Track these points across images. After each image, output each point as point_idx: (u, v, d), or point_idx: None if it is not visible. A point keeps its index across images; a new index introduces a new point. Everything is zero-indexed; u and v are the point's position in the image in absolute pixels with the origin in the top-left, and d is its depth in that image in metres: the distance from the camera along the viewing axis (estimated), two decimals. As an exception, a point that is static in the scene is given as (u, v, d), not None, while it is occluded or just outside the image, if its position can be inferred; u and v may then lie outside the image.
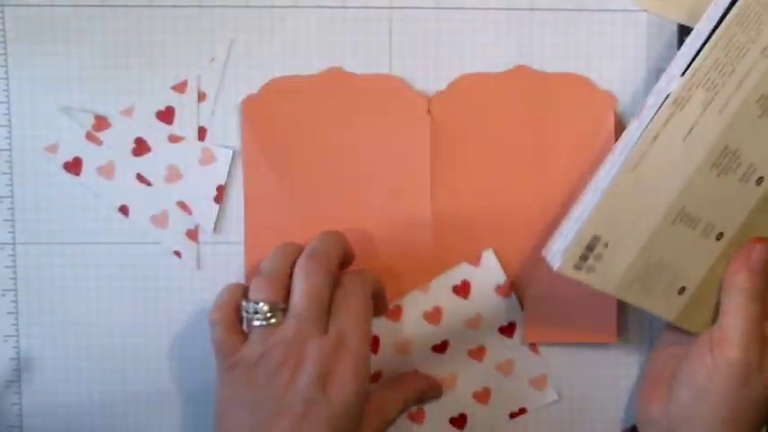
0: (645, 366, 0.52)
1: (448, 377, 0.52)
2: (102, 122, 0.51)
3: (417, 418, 0.52)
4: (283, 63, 0.51)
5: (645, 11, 0.51)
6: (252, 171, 0.51)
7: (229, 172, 0.51)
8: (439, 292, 0.51)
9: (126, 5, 0.50)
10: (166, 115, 0.51)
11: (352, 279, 0.46)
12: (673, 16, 0.51)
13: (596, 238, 0.46)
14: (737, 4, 0.45)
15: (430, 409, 0.52)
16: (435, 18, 0.51)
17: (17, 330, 0.52)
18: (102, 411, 0.53)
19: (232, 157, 0.51)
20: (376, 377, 0.52)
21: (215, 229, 0.52)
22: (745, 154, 0.46)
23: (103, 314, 0.52)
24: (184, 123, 0.51)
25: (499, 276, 0.51)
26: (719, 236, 0.47)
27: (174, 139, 0.51)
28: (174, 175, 0.51)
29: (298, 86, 0.51)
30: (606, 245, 0.46)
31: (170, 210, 0.52)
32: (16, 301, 0.52)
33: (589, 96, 0.51)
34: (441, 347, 0.52)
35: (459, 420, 0.53)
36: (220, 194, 0.51)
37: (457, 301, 0.51)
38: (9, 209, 0.52)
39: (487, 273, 0.51)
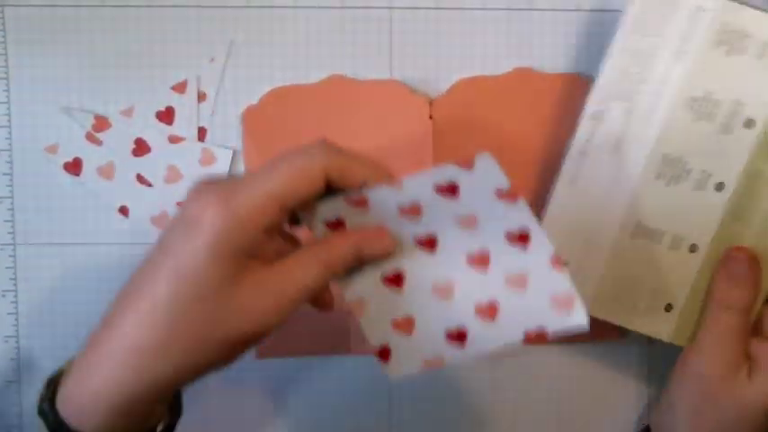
0: None
1: (443, 284, 0.41)
2: (102, 122, 0.51)
3: (405, 327, 0.42)
4: (283, 63, 0.51)
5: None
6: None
7: (229, 172, 0.51)
8: (415, 188, 0.39)
9: (126, 5, 0.51)
10: (166, 115, 0.51)
11: (310, 146, 0.38)
12: (673, 16, 0.51)
13: None
14: (626, 12, 0.45)
15: (421, 319, 0.42)
16: (435, 18, 0.51)
17: (17, 330, 0.52)
18: (102, 411, 0.53)
19: (232, 158, 0.51)
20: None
21: (215, 229, 0.52)
22: (692, 161, 0.46)
23: (103, 314, 0.52)
24: (184, 123, 0.51)
25: (499, 180, 0.38)
26: (693, 248, 0.46)
27: (174, 139, 0.51)
28: (174, 175, 0.51)
29: (299, 94, 0.51)
30: (566, 263, 0.46)
31: (170, 210, 0.52)
32: (16, 302, 0.52)
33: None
34: (427, 243, 0.41)
35: (458, 335, 0.41)
36: (220, 194, 0.51)
37: (440, 199, 0.40)
38: (9, 209, 0.52)
39: (483, 175, 0.38)
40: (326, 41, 0.51)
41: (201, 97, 0.51)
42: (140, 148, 0.51)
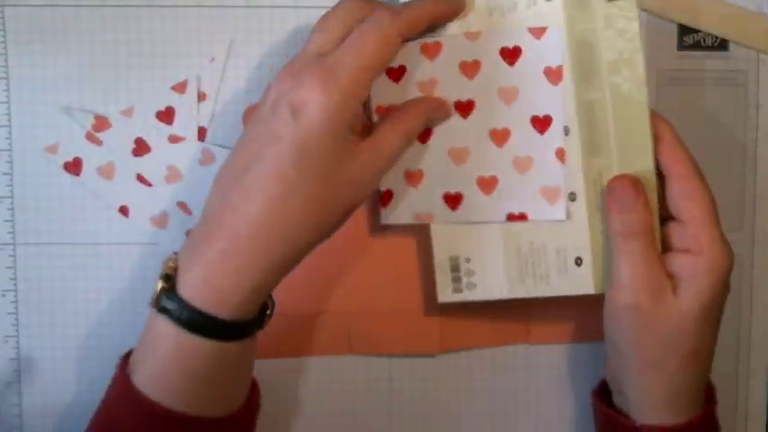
0: None
1: (460, 150, 0.47)
2: (102, 122, 0.51)
3: (414, 179, 0.48)
4: (283, 63, 0.51)
5: (645, 11, 0.51)
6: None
7: (229, 172, 0.51)
8: (487, 45, 0.46)
9: (126, 5, 0.50)
10: (166, 115, 0.51)
11: (381, 14, 0.42)
12: (673, 16, 0.51)
13: (454, 259, 0.46)
14: None
15: (429, 175, 0.48)
16: (435, 18, 0.51)
17: (17, 330, 0.52)
18: (102, 411, 0.53)
19: (232, 158, 0.51)
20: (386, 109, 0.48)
21: (215, 229, 0.52)
22: None
23: (103, 314, 0.52)
24: (184, 123, 0.51)
25: (555, 57, 0.45)
26: (572, 196, 0.46)
27: (173, 139, 0.51)
28: (174, 175, 0.51)
29: None
30: (468, 260, 0.46)
31: (170, 210, 0.52)
32: (16, 302, 0.52)
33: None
34: (465, 107, 0.47)
35: (455, 199, 0.48)
36: (220, 194, 0.51)
37: (500, 63, 0.46)
38: (9, 209, 0.51)
39: (545, 49, 0.45)
40: (326, 41, 0.51)
41: (201, 97, 0.51)
42: (140, 148, 0.51)
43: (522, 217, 0.47)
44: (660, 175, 0.45)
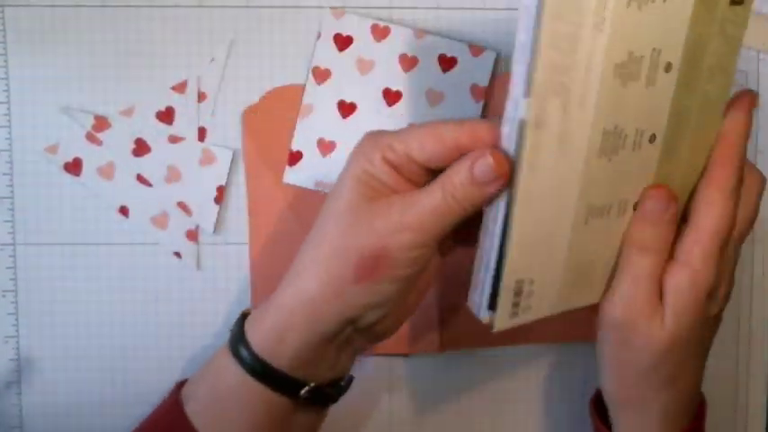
0: None
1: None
2: (102, 123, 0.51)
3: (325, 149, 0.51)
4: (283, 63, 0.51)
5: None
6: (255, 180, 0.51)
7: (229, 172, 0.51)
8: (429, 47, 0.50)
9: (126, 5, 0.51)
10: (166, 115, 0.51)
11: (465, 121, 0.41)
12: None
13: (520, 282, 0.42)
14: (542, 4, 0.38)
15: (341, 147, 0.51)
16: (435, 18, 0.51)
17: (17, 331, 0.52)
18: (102, 411, 0.53)
19: (232, 158, 0.51)
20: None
21: (215, 229, 0.52)
22: (627, 126, 0.42)
23: (103, 315, 0.52)
24: (184, 124, 0.51)
25: (483, 77, 0.50)
26: (636, 206, 0.43)
27: (173, 139, 0.51)
28: (174, 175, 0.51)
29: (298, 94, 0.51)
30: (532, 282, 0.43)
31: (170, 210, 0.52)
32: (16, 302, 0.52)
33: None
34: (393, 96, 0.51)
35: None
36: (220, 195, 0.51)
37: (435, 67, 0.51)
38: (9, 209, 0.52)
39: (477, 66, 0.50)
40: (326, 41, 0.51)
41: (201, 97, 0.51)
42: (140, 148, 0.51)
43: None
44: None
